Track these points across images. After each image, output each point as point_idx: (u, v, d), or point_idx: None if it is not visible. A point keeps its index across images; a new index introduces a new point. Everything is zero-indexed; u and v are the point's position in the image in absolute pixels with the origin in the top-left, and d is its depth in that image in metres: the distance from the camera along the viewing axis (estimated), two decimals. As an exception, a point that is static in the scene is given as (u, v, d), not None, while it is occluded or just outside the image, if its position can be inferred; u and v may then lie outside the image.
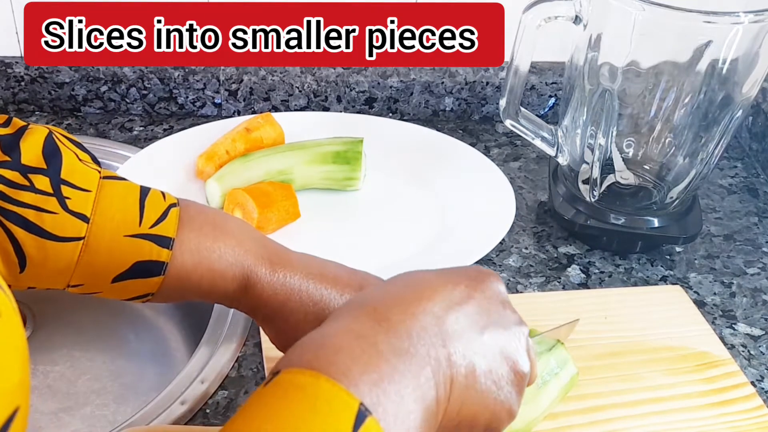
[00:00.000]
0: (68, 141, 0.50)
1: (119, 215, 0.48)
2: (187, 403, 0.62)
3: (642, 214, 0.79)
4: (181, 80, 0.94)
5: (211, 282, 0.51)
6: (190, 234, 0.50)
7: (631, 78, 0.73)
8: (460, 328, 0.41)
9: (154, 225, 0.49)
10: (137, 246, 0.48)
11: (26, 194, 0.46)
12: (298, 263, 0.53)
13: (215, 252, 0.51)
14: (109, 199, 0.48)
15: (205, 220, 0.52)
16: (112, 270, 0.49)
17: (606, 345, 0.68)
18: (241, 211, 0.77)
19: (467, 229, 0.80)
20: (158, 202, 0.50)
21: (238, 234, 0.52)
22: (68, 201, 0.47)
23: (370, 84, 0.97)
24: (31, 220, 0.46)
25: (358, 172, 0.84)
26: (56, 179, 0.47)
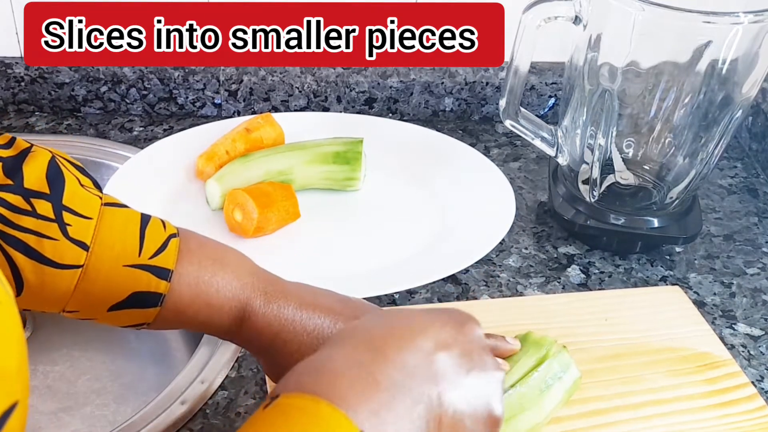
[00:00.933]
0: (71, 165, 0.50)
1: (119, 244, 0.48)
2: (187, 403, 0.62)
3: (642, 215, 0.79)
4: (181, 80, 0.94)
5: (208, 316, 0.51)
6: (189, 267, 0.50)
7: (631, 78, 0.73)
8: (448, 369, 0.42)
9: (154, 256, 0.49)
10: (135, 276, 0.48)
11: (27, 219, 0.46)
12: (291, 294, 0.53)
13: (213, 286, 0.51)
14: (109, 227, 0.48)
15: (204, 253, 0.52)
16: (109, 299, 0.48)
17: (607, 347, 0.68)
18: (241, 211, 0.77)
19: (467, 229, 0.80)
20: (158, 232, 0.50)
21: (235, 267, 0.52)
22: (69, 228, 0.46)
23: (370, 84, 0.97)
24: (31, 245, 0.46)
25: (358, 172, 0.84)
26: (58, 205, 0.47)
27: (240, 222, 0.77)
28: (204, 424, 0.61)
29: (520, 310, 0.71)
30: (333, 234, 0.80)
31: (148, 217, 0.51)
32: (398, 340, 0.42)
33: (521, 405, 0.56)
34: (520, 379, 0.57)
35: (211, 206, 0.81)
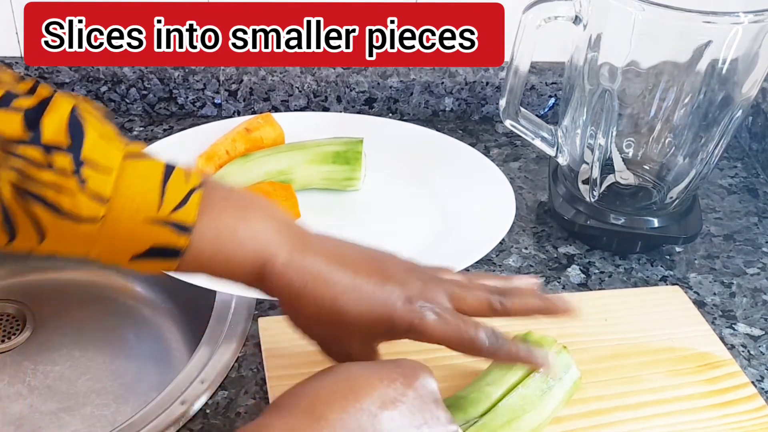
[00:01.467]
0: (93, 114, 0.48)
1: (138, 198, 0.47)
2: (187, 403, 0.61)
3: (642, 214, 0.79)
4: (181, 80, 0.94)
5: (227, 270, 0.51)
6: (210, 222, 0.49)
7: (631, 78, 0.73)
8: (395, 428, 0.42)
9: (174, 210, 0.48)
10: (154, 231, 0.47)
11: (46, 173, 0.45)
12: (316, 248, 0.52)
13: (234, 242, 0.50)
14: (129, 180, 0.47)
15: (227, 206, 0.51)
16: (129, 251, 0.48)
17: (607, 347, 0.68)
18: (241, 211, 0.77)
19: (467, 229, 0.80)
20: (180, 185, 0.49)
21: (259, 222, 0.51)
22: (87, 182, 0.46)
23: (370, 84, 0.97)
24: (48, 199, 0.45)
25: (358, 172, 0.84)
26: (77, 158, 0.46)
27: (240, 222, 0.77)
28: (204, 424, 0.61)
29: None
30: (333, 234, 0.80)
31: (172, 168, 0.49)
32: (341, 401, 0.41)
33: (523, 406, 0.56)
34: (521, 380, 0.57)
35: (211, 206, 0.81)
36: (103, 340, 0.84)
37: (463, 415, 0.54)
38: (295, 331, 0.55)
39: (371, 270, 0.52)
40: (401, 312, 0.51)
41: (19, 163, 0.45)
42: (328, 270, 0.51)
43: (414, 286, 0.52)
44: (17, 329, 0.84)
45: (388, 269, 0.53)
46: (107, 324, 0.86)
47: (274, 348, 0.65)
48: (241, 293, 0.69)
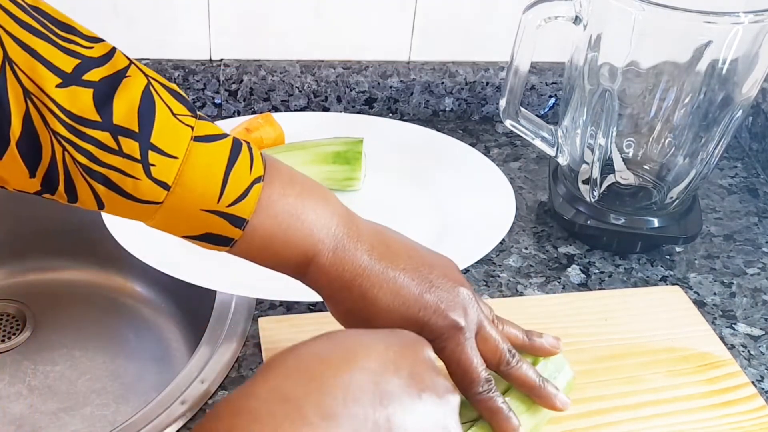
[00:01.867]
0: (165, 92, 0.48)
1: (200, 188, 0.48)
2: (187, 403, 0.61)
3: (642, 214, 0.79)
4: (181, 80, 0.94)
5: (273, 263, 0.52)
6: (265, 220, 0.50)
7: (631, 78, 0.73)
8: (397, 391, 0.39)
9: (233, 204, 0.49)
10: (211, 220, 0.49)
11: (114, 157, 0.46)
12: (366, 243, 0.53)
13: (285, 239, 0.51)
14: (193, 167, 0.47)
15: (284, 202, 0.51)
16: (183, 231, 0.50)
17: (607, 347, 0.68)
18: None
19: (467, 229, 0.80)
20: (243, 176, 0.49)
21: (313, 215, 0.51)
22: (153, 168, 0.46)
23: (370, 84, 0.97)
24: (114, 181, 0.46)
25: (358, 172, 0.84)
26: (146, 144, 0.46)
27: (240, 222, 0.77)
28: (204, 424, 0.60)
29: (520, 310, 0.71)
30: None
31: (238, 151, 0.49)
32: (338, 362, 0.39)
33: (518, 409, 0.56)
34: None
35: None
36: (103, 340, 0.84)
37: (461, 417, 0.54)
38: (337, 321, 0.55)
39: (417, 274, 0.53)
40: (434, 322, 0.52)
41: (86, 144, 0.45)
42: (372, 267, 0.52)
43: (454, 303, 0.53)
44: (17, 329, 0.84)
45: (433, 279, 0.53)
46: (107, 324, 0.86)
47: (274, 348, 0.65)
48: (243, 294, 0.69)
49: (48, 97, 0.44)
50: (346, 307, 0.53)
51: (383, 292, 0.52)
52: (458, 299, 0.53)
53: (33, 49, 0.43)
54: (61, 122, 0.44)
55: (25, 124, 0.44)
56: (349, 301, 0.52)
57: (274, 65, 0.95)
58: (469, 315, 0.53)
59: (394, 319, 0.52)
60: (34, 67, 0.43)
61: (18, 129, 0.44)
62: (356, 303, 0.52)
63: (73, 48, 0.45)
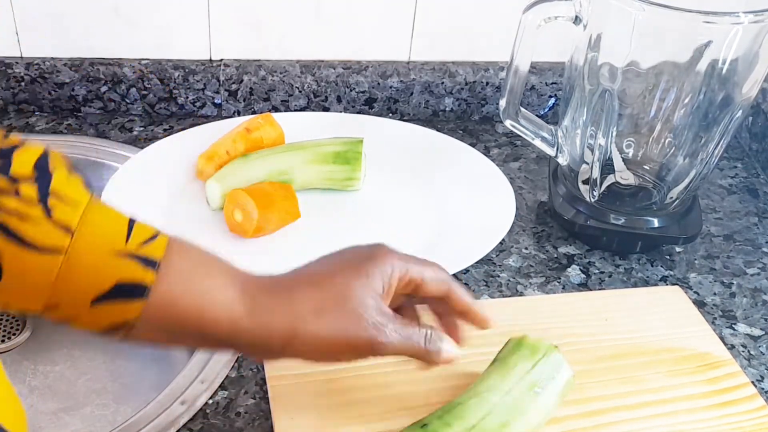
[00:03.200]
0: (61, 161, 0.47)
1: (105, 231, 0.46)
2: (187, 403, 0.62)
3: (642, 215, 0.79)
4: (181, 80, 0.94)
5: (201, 310, 0.48)
6: (179, 258, 0.48)
7: (631, 78, 0.73)
8: None
9: (143, 244, 0.47)
10: (121, 265, 0.46)
11: (10, 200, 0.44)
12: (287, 277, 0.52)
13: (208, 277, 0.49)
14: (95, 215, 0.46)
15: (196, 249, 0.50)
16: (92, 289, 0.46)
17: (607, 347, 0.68)
18: (242, 211, 0.77)
19: (467, 229, 0.80)
20: (146, 227, 0.48)
21: (228, 263, 0.51)
22: (54, 211, 0.44)
23: (370, 84, 0.97)
24: (11, 226, 0.44)
25: (358, 172, 0.84)
26: (44, 189, 0.45)
27: (240, 222, 0.77)
28: (204, 424, 0.61)
29: (520, 310, 0.71)
30: (333, 234, 0.80)
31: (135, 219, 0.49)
32: None
33: (517, 409, 0.56)
34: (516, 381, 0.57)
35: (211, 206, 0.81)
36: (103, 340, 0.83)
37: (461, 422, 0.54)
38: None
39: (333, 295, 0.52)
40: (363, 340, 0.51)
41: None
42: (305, 290, 0.51)
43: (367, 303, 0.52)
44: (17, 329, 0.84)
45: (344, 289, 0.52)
46: (107, 324, 0.85)
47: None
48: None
49: None
50: (307, 351, 0.51)
51: (328, 309, 0.50)
52: (365, 291, 0.52)
53: None
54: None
55: None
56: (301, 341, 0.50)
57: (274, 65, 0.95)
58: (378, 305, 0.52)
59: (346, 348, 0.51)
60: None
61: None
62: (309, 341, 0.50)
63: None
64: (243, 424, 0.61)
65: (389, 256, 0.53)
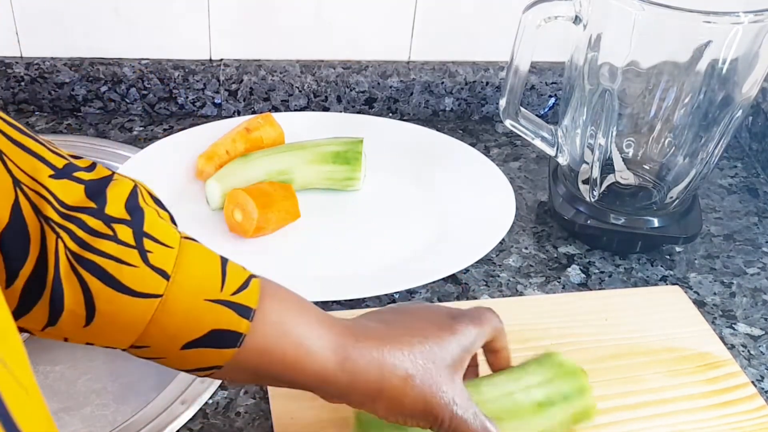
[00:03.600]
0: (150, 197, 0.47)
1: (201, 277, 0.45)
2: (187, 403, 0.62)
3: (642, 214, 0.79)
4: (181, 80, 0.94)
5: (296, 358, 0.47)
6: (274, 305, 0.47)
7: (631, 78, 0.73)
8: None
9: (236, 293, 0.46)
10: (216, 312, 0.45)
11: (107, 243, 0.43)
12: (376, 331, 0.51)
13: (304, 325, 0.48)
14: (190, 258, 0.45)
15: (287, 293, 0.49)
16: (186, 335, 0.45)
17: (607, 347, 0.68)
18: (242, 211, 0.77)
19: (467, 229, 0.80)
20: (239, 270, 0.47)
21: (318, 310, 0.50)
22: (150, 255, 0.44)
23: (370, 84, 0.97)
24: (109, 271, 0.43)
25: (358, 172, 0.84)
26: (139, 231, 0.44)
27: (240, 222, 0.77)
28: (204, 424, 0.61)
29: (520, 310, 0.71)
30: (333, 234, 0.80)
31: (226, 258, 0.48)
32: None
33: (513, 412, 0.55)
34: (524, 388, 0.56)
35: (211, 206, 0.81)
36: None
37: None
38: None
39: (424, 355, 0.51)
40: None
41: (79, 231, 0.43)
42: (393, 349, 0.50)
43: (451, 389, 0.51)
44: (17, 329, 0.84)
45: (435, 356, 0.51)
46: (107, 324, 0.85)
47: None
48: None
49: (41, 185, 0.42)
50: (386, 409, 0.50)
51: (417, 373, 0.49)
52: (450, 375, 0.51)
53: (24, 144, 0.42)
54: (54, 209, 0.42)
55: (14, 212, 0.41)
56: (386, 401, 0.49)
57: (274, 65, 0.95)
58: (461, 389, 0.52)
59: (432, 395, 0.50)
60: (26, 158, 0.42)
61: (5, 217, 0.41)
62: (393, 401, 0.49)
63: (60, 152, 0.45)
64: (243, 424, 0.61)
65: (470, 327, 0.52)
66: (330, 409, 0.60)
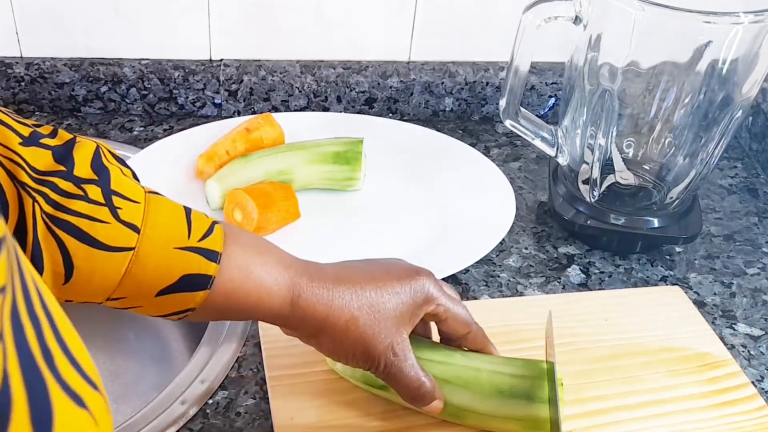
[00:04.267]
0: (111, 156, 0.50)
1: (169, 227, 0.49)
2: (187, 403, 0.62)
3: (642, 215, 0.79)
4: (181, 80, 0.94)
5: (258, 298, 0.51)
6: (237, 249, 0.51)
7: (631, 78, 0.73)
8: None
9: (202, 239, 0.49)
10: (186, 259, 0.48)
11: (79, 203, 0.46)
12: (331, 273, 0.54)
13: (263, 266, 0.51)
14: (157, 211, 0.49)
15: (248, 236, 0.53)
16: (159, 283, 0.48)
17: (607, 347, 0.68)
18: (241, 211, 0.77)
19: (467, 229, 0.80)
20: (203, 219, 0.51)
21: (278, 250, 0.54)
22: (120, 211, 0.47)
23: (370, 84, 0.97)
24: (83, 229, 0.46)
25: (358, 172, 0.84)
26: (107, 190, 0.47)
27: (240, 222, 0.77)
28: (204, 424, 0.61)
29: (520, 310, 0.71)
30: (333, 234, 0.80)
31: (189, 207, 0.52)
32: None
33: (469, 383, 0.56)
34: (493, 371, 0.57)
35: (211, 206, 0.81)
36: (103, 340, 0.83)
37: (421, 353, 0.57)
38: (329, 356, 0.57)
39: (381, 284, 0.55)
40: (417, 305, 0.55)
41: (53, 194, 0.45)
42: (347, 281, 0.54)
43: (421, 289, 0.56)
44: (17, 329, 0.84)
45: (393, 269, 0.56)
46: (107, 324, 0.85)
47: (274, 348, 0.65)
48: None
49: (14, 152, 0.45)
50: (328, 345, 0.54)
51: (362, 316, 0.53)
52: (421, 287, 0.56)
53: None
54: (28, 175, 0.45)
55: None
56: (329, 337, 0.53)
57: (274, 65, 0.95)
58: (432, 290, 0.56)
59: (380, 328, 0.54)
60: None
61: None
62: (336, 339, 0.53)
63: (24, 121, 0.48)
64: (243, 424, 0.61)
65: (428, 285, 0.55)
66: (330, 410, 0.60)
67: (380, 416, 0.60)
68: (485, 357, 0.59)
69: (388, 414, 0.60)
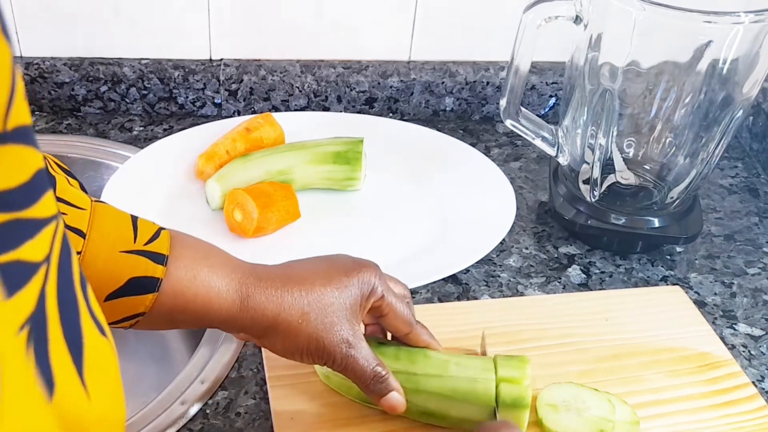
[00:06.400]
0: (57, 167, 0.51)
1: (114, 232, 0.49)
2: (187, 403, 0.61)
3: (642, 214, 0.79)
4: (181, 80, 0.94)
5: (206, 300, 0.51)
6: (183, 252, 0.51)
7: (632, 78, 0.73)
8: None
9: (149, 242, 0.50)
10: (132, 261, 0.49)
11: None
12: (279, 273, 0.55)
13: (211, 268, 0.52)
14: (102, 217, 0.49)
15: (194, 241, 0.53)
16: (107, 287, 0.49)
17: (607, 347, 0.68)
18: (242, 211, 0.77)
19: (467, 229, 0.80)
20: (149, 224, 0.52)
21: (225, 254, 0.54)
22: (65, 217, 0.47)
23: (370, 84, 0.97)
24: None
25: (358, 172, 0.84)
26: None
27: (240, 222, 0.77)
28: (204, 424, 0.60)
29: (521, 310, 0.71)
30: (333, 234, 0.80)
31: (136, 215, 0.52)
32: None
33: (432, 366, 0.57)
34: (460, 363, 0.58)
35: (211, 206, 0.81)
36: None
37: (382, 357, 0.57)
38: (281, 355, 0.56)
39: (328, 281, 0.55)
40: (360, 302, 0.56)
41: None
42: (288, 299, 0.54)
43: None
44: (17, 329, 0.84)
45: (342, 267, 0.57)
46: (107, 324, 0.85)
47: (274, 348, 0.65)
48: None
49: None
50: (282, 344, 0.54)
51: (312, 312, 0.53)
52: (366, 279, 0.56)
53: None
54: None
55: None
56: (282, 335, 0.54)
57: (274, 65, 0.95)
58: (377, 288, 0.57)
59: (329, 321, 0.54)
60: None
61: None
62: (288, 337, 0.53)
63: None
64: (243, 424, 0.61)
65: (373, 277, 0.56)
66: (330, 410, 0.60)
67: (380, 416, 0.60)
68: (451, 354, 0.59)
69: (387, 414, 0.60)
